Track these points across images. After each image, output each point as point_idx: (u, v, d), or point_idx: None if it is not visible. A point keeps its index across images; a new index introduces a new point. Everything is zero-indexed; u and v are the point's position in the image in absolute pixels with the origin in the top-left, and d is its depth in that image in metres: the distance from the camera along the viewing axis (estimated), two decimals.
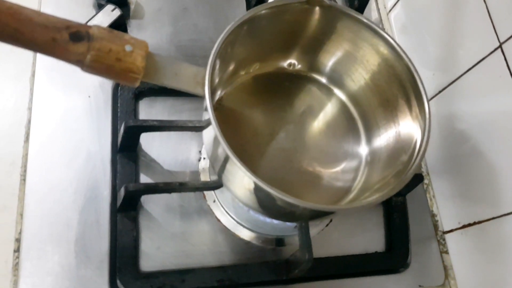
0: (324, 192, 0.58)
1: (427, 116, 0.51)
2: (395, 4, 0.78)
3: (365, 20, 0.55)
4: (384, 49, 0.55)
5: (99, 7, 0.65)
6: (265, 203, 0.50)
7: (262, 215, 0.61)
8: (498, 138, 0.58)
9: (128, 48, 0.44)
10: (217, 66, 0.50)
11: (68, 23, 0.41)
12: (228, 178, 0.51)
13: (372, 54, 0.57)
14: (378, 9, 0.82)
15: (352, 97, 0.63)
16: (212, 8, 0.74)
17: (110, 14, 0.62)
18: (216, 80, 0.53)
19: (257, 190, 0.47)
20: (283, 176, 0.58)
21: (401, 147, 0.55)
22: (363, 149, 0.62)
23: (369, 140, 0.61)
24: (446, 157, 0.68)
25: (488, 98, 0.59)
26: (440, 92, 0.67)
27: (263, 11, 0.53)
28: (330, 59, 0.61)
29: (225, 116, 0.58)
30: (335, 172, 0.60)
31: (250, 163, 0.54)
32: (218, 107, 0.58)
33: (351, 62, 0.60)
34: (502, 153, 0.57)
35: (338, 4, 0.56)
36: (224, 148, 0.44)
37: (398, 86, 0.55)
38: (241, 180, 0.48)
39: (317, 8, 0.55)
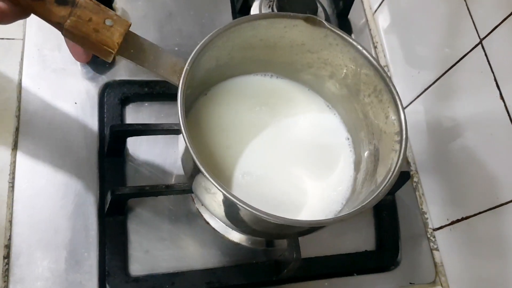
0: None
1: (403, 124, 0.51)
2: (380, 5, 0.79)
3: (346, 38, 0.54)
4: (354, 53, 0.54)
5: None
6: (248, 224, 0.50)
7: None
8: (483, 133, 0.58)
9: (108, 22, 0.45)
10: (198, 64, 0.49)
11: None
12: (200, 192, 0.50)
13: (346, 60, 0.55)
14: (364, 10, 0.82)
15: (334, 105, 0.61)
16: (197, 13, 0.74)
17: None
18: (194, 79, 0.52)
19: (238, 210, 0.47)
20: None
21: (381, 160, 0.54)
22: (348, 161, 0.60)
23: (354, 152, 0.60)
24: (435, 154, 0.68)
25: (471, 94, 0.59)
26: (426, 89, 0.68)
27: (255, 21, 0.53)
28: (310, 71, 0.60)
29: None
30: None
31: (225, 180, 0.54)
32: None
33: (329, 72, 0.58)
34: (488, 148, 0.58)
35: (331, 25, 0.54)
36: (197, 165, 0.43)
37: (374, 94, 0.54)
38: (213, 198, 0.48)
39: (303, 25, 0.54)
